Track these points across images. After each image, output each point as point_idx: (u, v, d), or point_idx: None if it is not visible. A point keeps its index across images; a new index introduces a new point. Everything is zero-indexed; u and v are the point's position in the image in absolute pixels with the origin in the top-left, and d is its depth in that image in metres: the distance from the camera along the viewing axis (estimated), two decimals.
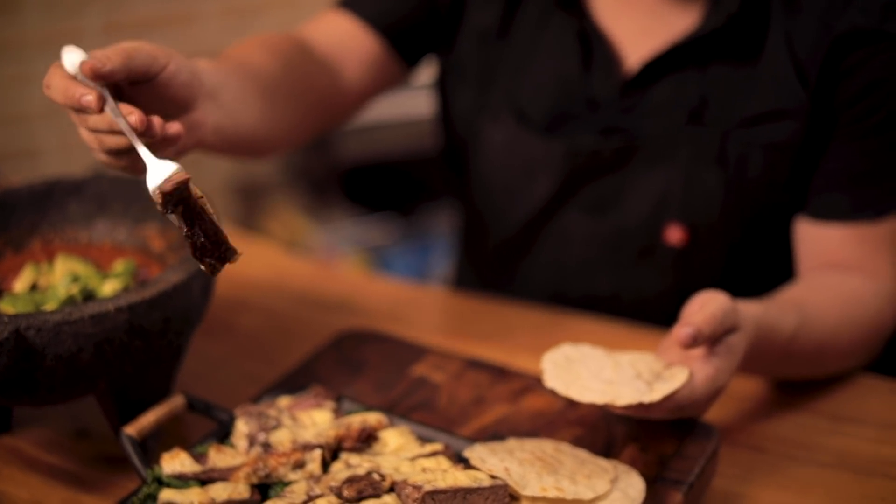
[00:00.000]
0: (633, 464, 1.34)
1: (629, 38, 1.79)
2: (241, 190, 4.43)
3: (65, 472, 1.50)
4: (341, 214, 4.27)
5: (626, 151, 1.78)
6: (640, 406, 1.30)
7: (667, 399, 1.30)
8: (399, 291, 2.04)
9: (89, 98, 1.26)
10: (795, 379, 1.67)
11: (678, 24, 1.75)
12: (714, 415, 1.58)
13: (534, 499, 1.22)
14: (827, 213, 1.73)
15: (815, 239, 1.75)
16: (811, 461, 1.51)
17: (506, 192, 1.91)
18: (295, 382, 1.51)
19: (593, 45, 1.79)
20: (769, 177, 1.74)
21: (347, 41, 1.89)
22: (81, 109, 1.27)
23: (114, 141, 1.32)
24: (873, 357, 1.73)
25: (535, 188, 1.86)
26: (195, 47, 4.16)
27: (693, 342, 1.32)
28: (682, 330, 1.32)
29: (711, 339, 1.35)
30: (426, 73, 2.05)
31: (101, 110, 1.26)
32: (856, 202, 1.71)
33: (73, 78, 1.29)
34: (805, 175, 1.74)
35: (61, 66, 1.31)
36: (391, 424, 1.38)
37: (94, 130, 1.32)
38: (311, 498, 1.23)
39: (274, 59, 1.69)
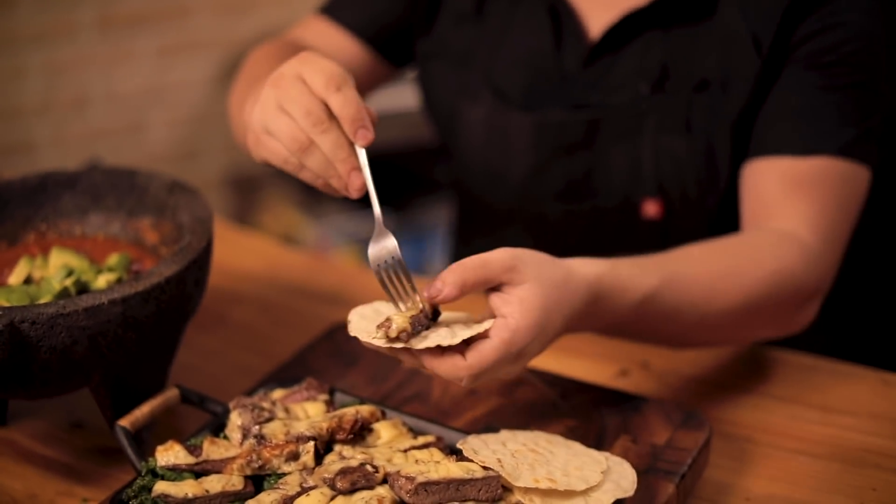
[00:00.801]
0: (625, 455, 1.35)
1: (594, 10, 1.80)
2: (234, 183, 4.43)
3: (60, 464, 1.50)
4: (334, 208, 4.27)
5: (593, 124, 1.79)
6: (438, 350, 1.24)
7: (454, 359, 1.24)
8: None
9: (369, 135, 1.34)
10: (685, 342, 1.61)
11: None
12: (705, 406, 1.59)
13: (526, 490, 1.22)
14: (758, 148, 1.69)
15: (746, 178, 1.70)
16: (802, 452, 1.52)
17: (487, 175, 1.92)
18: (288, 375, 1.52)
19: (562, 18, 1.80)
20: (732, 143, 1.72)
21: (334, 49, 1.91)
22: (351, 135, 1.34)
23: (317, 161, 1.35)
24: (805, 318, 1.64)
25: (511, 168, 1.87)
26: (188, 41, 4.16)
27: (436, 293, 1.25)
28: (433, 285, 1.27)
29: (464, 288, 1.25)
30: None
31: (369, 141, 1.34)
32: (785, 136, 1.66)
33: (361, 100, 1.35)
34: None
35: (351, 81, 1.35)
36: (384, 416, 1.38)
37: (313, 143, 1.34)
38: (304, 489, 1.23)
39: None
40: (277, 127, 1.35)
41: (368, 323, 1.31)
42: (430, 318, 1.28)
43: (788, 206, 1.62)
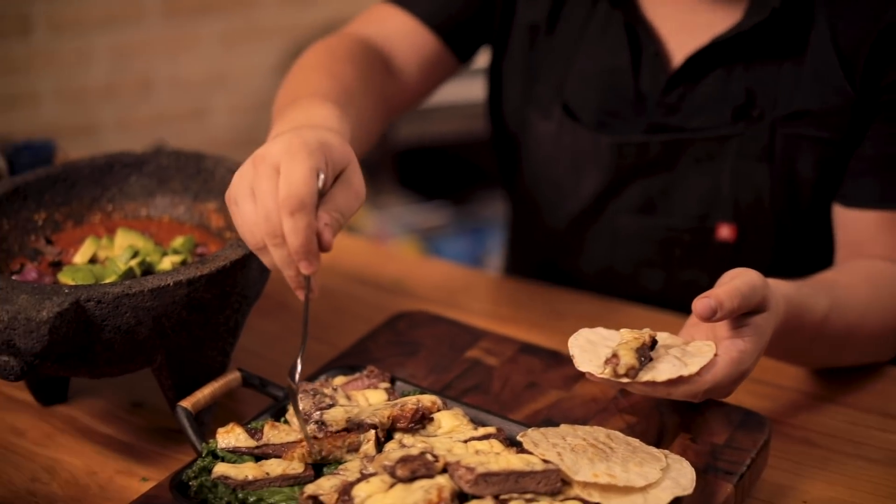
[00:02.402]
0: (684, 453, 1.34)
1: (673, 35, 1.78)
2: None
3: (119, 442, 1.52)
4: (395, 200, 4.28)
5: (673, 146, 1.78)
6: (680, 380, 1.27)
7: (692, 378, 1.27)
8: (452, 275, 2.04)
9: (311, 267, 1.24)
10: (824, 365, 1.66)
11: (723, 21, 1.74)
12: (765, 407, 1.58)
13: (585, 484, 1.22)
14: (858, 199, 1.70)
15: (847, 225, 1.72)
16: (860, 456, 1.51)
17: (554, 187, 1.92)
18: (349, 362, 1.52)
19: (641, 38, 1.79)
20: (817, 172, 1.73)
21: (403, 39, 1.89)
22: (295, 262, 1.24)
23: (269, 261, 1.28)
24: None
25: (583, 184, 1.86)
26: (253, 29, 4.19)
27: (712, 314, 1.27)
28: (701, 301, 1.28)
29: (733, 314, 1.30)
30: (482, 57, 2.05)
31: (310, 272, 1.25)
32: (886, 188, 1.68)
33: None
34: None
35: (312, 202, 1.23)
36: (445, 406, 1.39)
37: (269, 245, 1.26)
38: (364, 476, 1.23)
39: (355, 73, 1.71)
40: (244, 209, 1.26)
41: (590, 355, 1.31)
42: (651, 346, 1.31)
43: (888, 244, 1.68)
